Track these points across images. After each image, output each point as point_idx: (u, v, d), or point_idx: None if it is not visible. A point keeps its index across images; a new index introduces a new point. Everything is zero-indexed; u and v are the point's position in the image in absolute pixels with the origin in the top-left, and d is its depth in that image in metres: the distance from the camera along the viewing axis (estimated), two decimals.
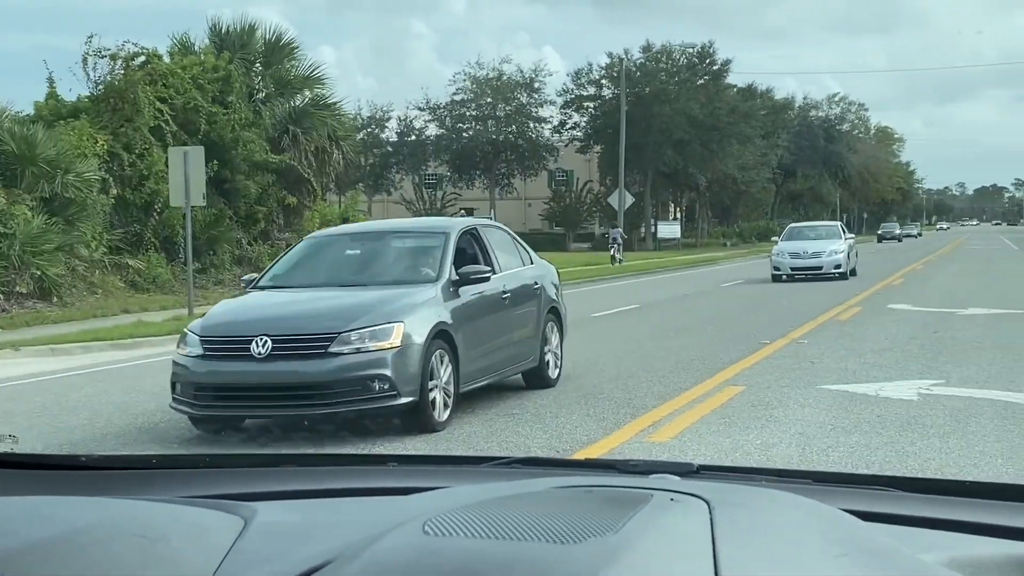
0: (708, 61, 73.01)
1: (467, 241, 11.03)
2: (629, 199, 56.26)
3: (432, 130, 76.18)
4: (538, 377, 11.42)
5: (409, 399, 8.98)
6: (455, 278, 10.13)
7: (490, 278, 10.61)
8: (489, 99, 73.36)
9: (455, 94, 74.49)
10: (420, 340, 9.20)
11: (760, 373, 11.84)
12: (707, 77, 72.90)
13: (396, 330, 9.12)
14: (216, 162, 26.91)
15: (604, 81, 73.00)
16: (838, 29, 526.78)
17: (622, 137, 56.31)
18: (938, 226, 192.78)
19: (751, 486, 1.63)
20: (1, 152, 23.81)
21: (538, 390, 11.04)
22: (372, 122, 76.90)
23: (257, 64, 33.07)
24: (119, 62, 28.23)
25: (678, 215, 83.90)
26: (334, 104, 34.68)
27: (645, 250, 65.62)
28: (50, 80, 28.59)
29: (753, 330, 16.69)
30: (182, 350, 9.59)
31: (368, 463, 2.18)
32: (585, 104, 74.41)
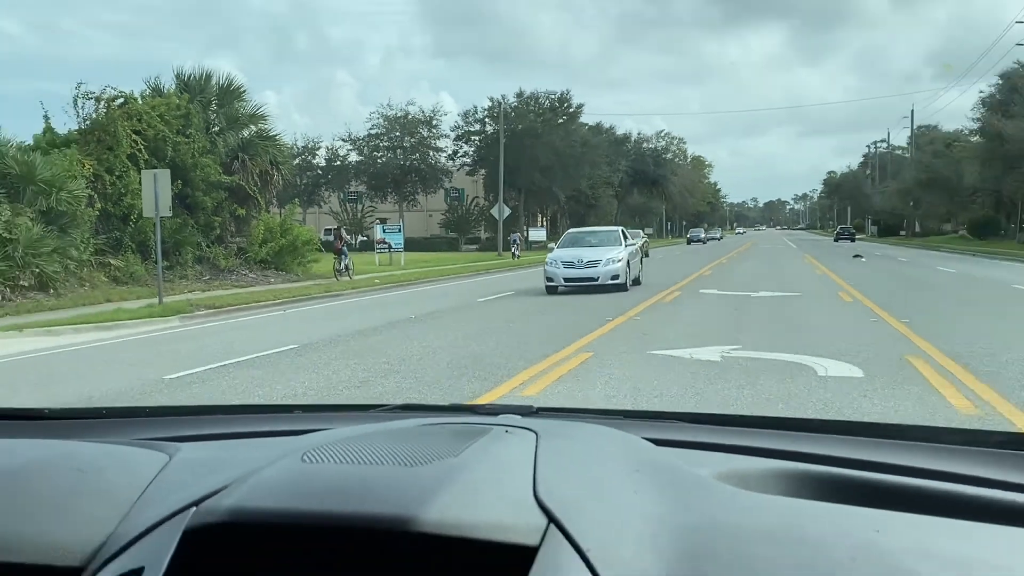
0: (566, 104, 72.99)
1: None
2: (507, 211, 56.44)
3: (353, 157, 74.80)
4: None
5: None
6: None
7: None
8: (398, 133, 72.26)
9: (371, 129, 73.43)
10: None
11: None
12: (565, 117, 72.82)
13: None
14: (180, 182, 26.81)
15: (487, 119, 72.47)
16: (665, 80, 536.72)
17: (500, 163, 56.61)
18: (737, 231, 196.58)
19: (574, 421, 1.60)
20: (7, 174, 23.12)
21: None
22: (306, 151, 75.47)
23: (213, 104, 32.11)
24: (103, 103, 27.45)
25: (544, 223, 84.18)
26: (275, 136, 33.92)
27: (522, 250, 65.42)
28: (46, 117, 28.52)
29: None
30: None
31: (278, 411, 2.08)
32: (472, 137, 73.73)
